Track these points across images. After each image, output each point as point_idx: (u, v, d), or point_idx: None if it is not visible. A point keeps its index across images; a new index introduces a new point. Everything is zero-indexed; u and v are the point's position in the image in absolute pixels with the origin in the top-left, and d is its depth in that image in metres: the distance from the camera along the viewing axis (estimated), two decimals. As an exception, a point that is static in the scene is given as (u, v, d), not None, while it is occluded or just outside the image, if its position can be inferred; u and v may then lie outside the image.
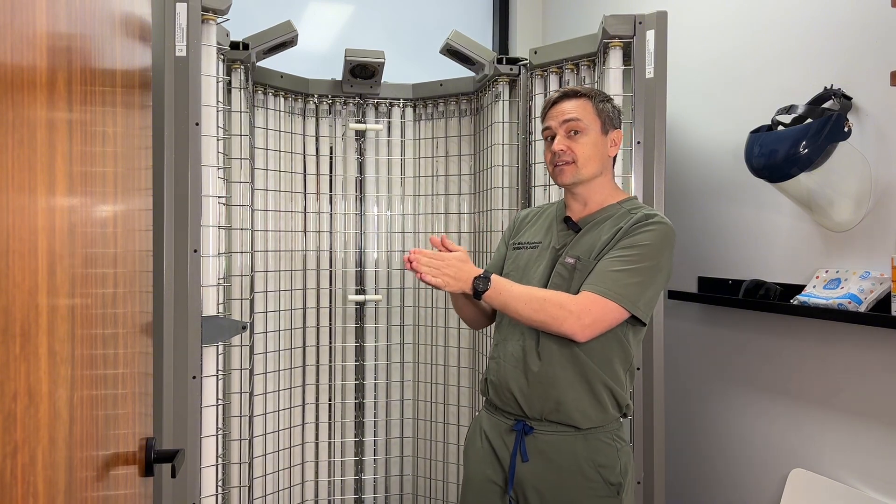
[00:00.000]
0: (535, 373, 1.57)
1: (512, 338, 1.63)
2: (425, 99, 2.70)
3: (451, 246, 1.62)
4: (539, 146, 2.27)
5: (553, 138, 1.63)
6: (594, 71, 2.15)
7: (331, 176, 2.66)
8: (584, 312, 1.47)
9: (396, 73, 2.80)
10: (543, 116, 1.67)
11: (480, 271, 1.53)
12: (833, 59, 1.77)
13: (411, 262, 1.51)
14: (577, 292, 1.53)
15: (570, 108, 1.61)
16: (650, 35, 1.95)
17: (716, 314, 2.21)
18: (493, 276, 1.53)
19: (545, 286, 1.59)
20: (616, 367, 1.57)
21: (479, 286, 1.51)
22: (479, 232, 2.62)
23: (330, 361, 2.65)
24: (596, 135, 1.61)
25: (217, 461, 1.96)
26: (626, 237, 1.53)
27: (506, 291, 1.51)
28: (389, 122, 2.70)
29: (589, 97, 1.63)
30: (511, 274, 1.69)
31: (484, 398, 1.73)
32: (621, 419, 1.61)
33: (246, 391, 2.30)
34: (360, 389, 2.69)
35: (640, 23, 1.96)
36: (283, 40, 2.29)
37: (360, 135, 2.67)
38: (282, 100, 2.52)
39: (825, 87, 1.73)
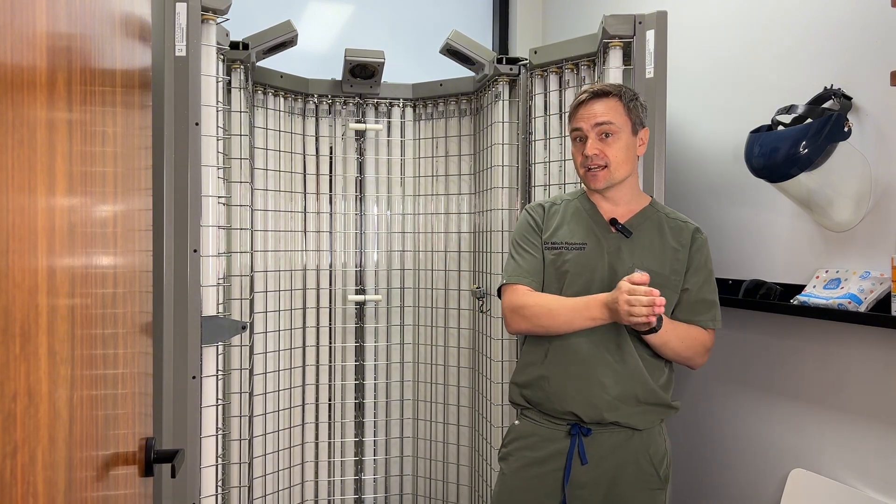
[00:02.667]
0: (600, 382, 1.58)
1: (584, 346, 1.60)
2: (425, 99, 2.70)
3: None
4: (539, 146, 2.27)
5: (581, 139, 1.61)
6: (594, 71, 2.14)
7: (331, 176, 2.66)
8: (711, 347, 1.66)
9: (396, 73, 2.79)
10: (570, 116, 1.65)
11: None
12: (833, 59, 1.77)
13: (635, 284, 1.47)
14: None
15: (601, 109, 1.59)
16: (650, 35, 1.95)
17: (716, 314, 2.21)
18: (665, 318, 1.55)
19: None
20: (669, 370, 1.67)
21: (657, 325, 1.49)
22: (479, 232, 2.62)
23: (330, 361, 2.65)
24: (627, 136, 1.60)
25: (217, 461, 1.96)
26: (702, 259, 1.65)
27: (669, 330, 1.56)
28: (389, 122, 2.70)
29: (619, 97, 1.60)
30: (564, 278, 1.63)
31: (520, 408, 1.71)
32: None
33: (246, 391, 2.30)
34: (359, 389, 2.69)
35: (640, 23, 1.96)
36: (283, 40, 2.29)
37: (360, 135, 2.67)
38: (282, 100, 2.52)
39: (825, 87, 1.73)
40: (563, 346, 1.62)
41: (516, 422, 1.74)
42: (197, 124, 1.87)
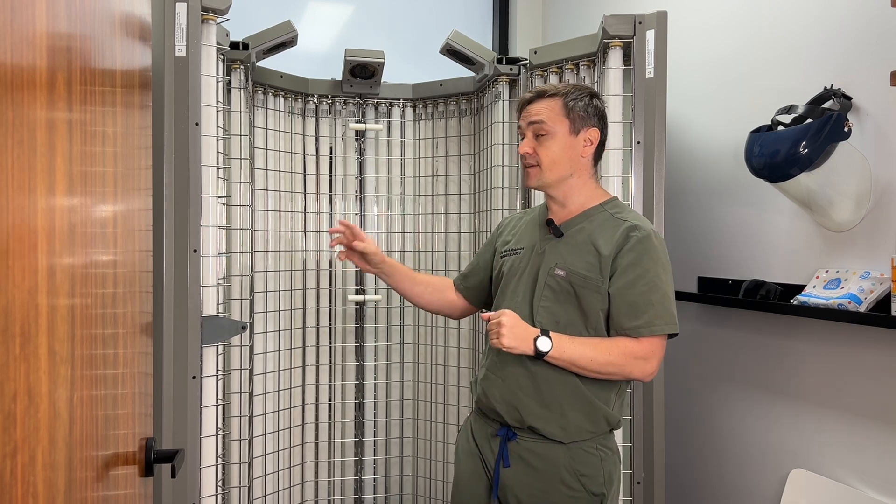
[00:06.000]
0: (524, 386, 1.56)
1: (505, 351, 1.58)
2: (425, 99, 2.70)
3: (357, 232, 1.76)
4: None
5: (522, 137, 1.62)
6: (594, 71, 2.14)
7: (331, 176, 2.66)
8: (650, 356, 1.49)
9: (396, 73, 2.79)
10: (517, 115, 1.66)
11: (538, 331, 1.46)
12: (833, 59, 1.77)
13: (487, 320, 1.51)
14: (575, 306, 1.52)
15: (537, 108, 1.58)
16: (650, 35, 1.95)
17: (716, 314, 2.21)
18: (553, 335, 1.46)
19: (532, 299, 1.58)
20: (608, 387, 1.56)
21: (542, 347, 1.44)
22: (479, 232, 2.62)
23: (330, 361, 2.65)
24: (563, 136, 1.57)
25: (217, 461, 1.96)
26: (632, 259, 1.50)
27: (569, 350, 1.46)
28: (389, 122, 2.70)
29: (561, 96, 1.57)
30: (500, 282, 1.68)
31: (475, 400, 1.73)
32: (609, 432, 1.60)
33: (246, 391, 2.30)
34: (359, 389, 2.69)
35: (640, 23, 1.96)
36: (283, 40, 2.29)
37: (360, 135, 2.67)
38: (282, 100, 2.52)
39: (825, 87, 1.73)
40: (490, 350, 1.64)
41: (469, 414, 1.78)
42: (197, 124, 1.87)
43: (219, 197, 1.98)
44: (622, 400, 1.60)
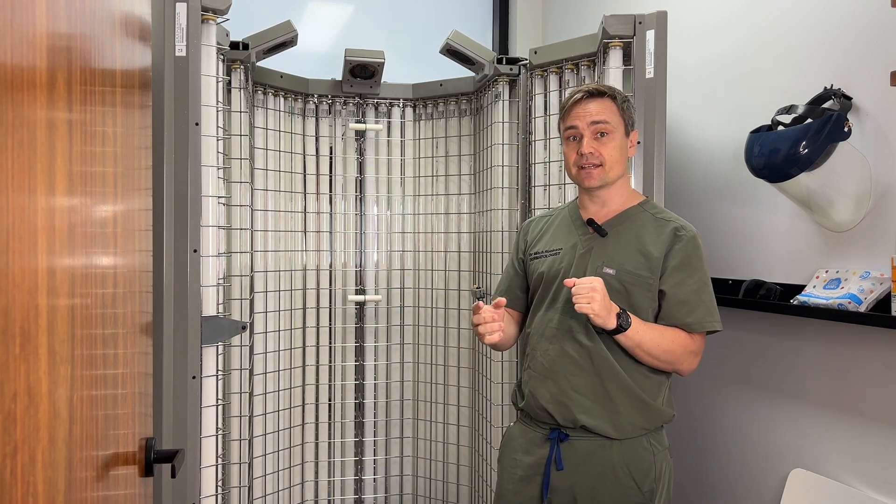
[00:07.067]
0: (576, 385, 1.56)
1: (552, 349, 1.60)
2: (425, 99, 2.70)
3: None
4: (539, 146, 2.27)
5: (575, 137, 1.61)
6: (594, 71, 2.14)
7: (331, 176, 2.66)
8: (698, 351, 1.58)
9: (396, 73, 2.79)
10: (565, 114, 1.63)
11: (616, 310, 1.49)
12: (833, 59, 1.77)
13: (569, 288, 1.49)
14: (623, 305, 1.53)
15: (596, 108, 1.59)
16: (650, 35, 1.95)
17: (716, 314, 2.21)
18: (632, 316, 1.51)
19: None
20: (656, 383, 1.59)
21: (624, 322, 1.48)
22: (479, 232, 2.62)
23: (330, 361, 2.65)
24: (621, 137, 1.61)
25: (217, 461, 1.96)
26: (683, 258, 1.56)
27: (641, 331, 1.51)
28: (389, 122, 2.70)
29: (613, 98, 1.60)
30: (540, 282, 1.66)
31: (518, 409, 1.71)
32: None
33: (246, 391, 2.30)
34: (359, 389, 2.69)
35: (640, 23, 1.96)
36: (283, 40, 2.29)
37: (360, 135, 2.67)
38: (282, 100, 2.52)
39: (825, 87, 1.73)
40: (533, 351, 1.65)
41: (511, 423, 1.75)
42: (197, 124, 1.87)
43: (219, 197, 1.98)
44: (668, 396, 1.63)
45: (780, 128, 1.75)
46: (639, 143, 1.95)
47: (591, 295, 1.45)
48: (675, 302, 1.56)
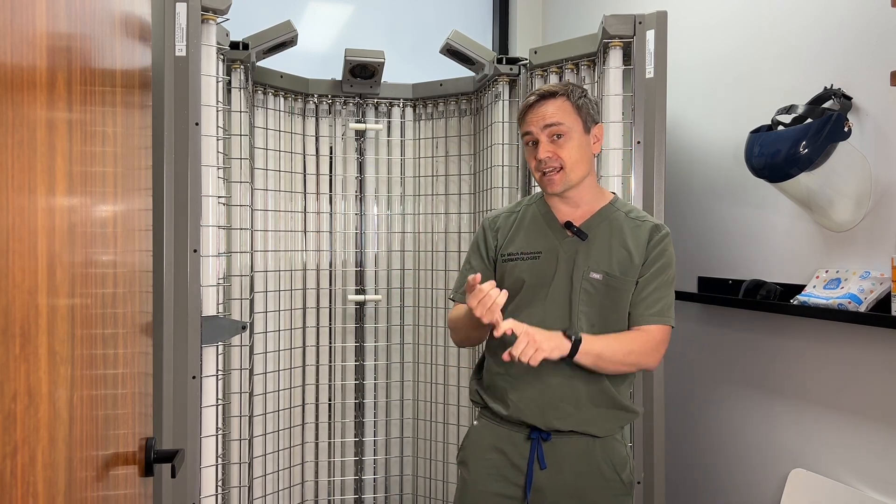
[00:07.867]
0: (563, 395, 1.55)
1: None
2: (425, 99, 2.70)
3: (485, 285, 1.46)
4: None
5: (534, 143, 1.56)
6: (594, 71, 2.14)
7: (331, 176, 2.66)
8: (660, 346, 1.57)
9: (396, 73, 2.79)
10: (520, 120, 1.59)
11: (560, 334, 1.46)
12: (833, 59, 1.77)
13: (512, 357, 1.42)
14: (609, 308, 1.54)
15: (550, 110, 1.54)
16: (650, 35, 1.95)
17: (716, 314, 2.21)
18: (583, 335, 1.48)
19: (570, 304, 1.56)
20: (626, 382, 1.62)
21: (572, 333, 1.47)
22: (479, 232, 2.62)
23: (330, 361, 2.65)
24: (579, 136, 1.55)
25: (217, 461, 1.96)
26: (657, 256, 1.58)
27: (596, 347, 1.48)
28: (389, 122, 2.70)
29: (566, 95, 1.55)
30: (520, 289, 1.60)
31: (479, 408, 1.68)
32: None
33: (246, 391, 2.30)
34: (359, 389, 2.69)
35: (640, 23, 1.96)
36: (283, 40, 2.29)
37: (360, 135, 2.67)
38: (282, 100, 2.52)
39: (825, 87, 1.73)
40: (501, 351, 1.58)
41: (475, 422, 1.69)
42: (197, 124, 1.87)
43: (219, 197, 1.98)
44: (632, 392, 1.68)
45: (780, 128, 1.75)
46: (638, 143, 1.95)
47: (532, 346, 1.40)
48: (645, 295, 1.57)
